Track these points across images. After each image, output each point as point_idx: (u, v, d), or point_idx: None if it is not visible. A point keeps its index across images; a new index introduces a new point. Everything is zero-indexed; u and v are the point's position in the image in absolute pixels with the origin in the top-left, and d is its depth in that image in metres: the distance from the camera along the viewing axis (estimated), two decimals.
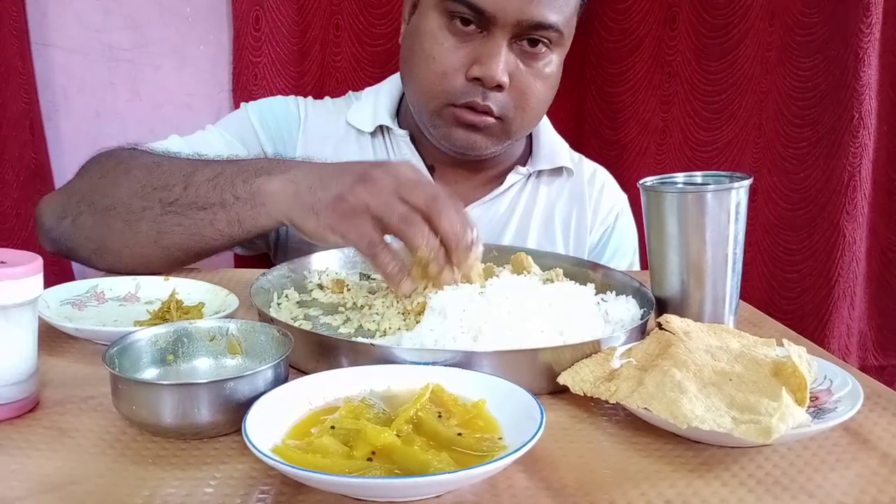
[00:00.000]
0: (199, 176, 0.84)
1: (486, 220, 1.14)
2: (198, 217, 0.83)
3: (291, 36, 1.46)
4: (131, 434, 0.54)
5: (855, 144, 1.41)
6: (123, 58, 1.47)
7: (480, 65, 0.99)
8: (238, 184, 0.82)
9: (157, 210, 0.84)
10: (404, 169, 0.76)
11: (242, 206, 0.82)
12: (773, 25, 1.46)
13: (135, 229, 0.85)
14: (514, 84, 1.02)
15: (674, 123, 1.55)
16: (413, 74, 1.06)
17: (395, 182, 0.74)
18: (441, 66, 1.01)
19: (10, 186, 1.36)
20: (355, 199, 0.73)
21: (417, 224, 0.71)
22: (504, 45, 0.99)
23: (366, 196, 0.73)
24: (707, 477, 0.52)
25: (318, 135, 1.16)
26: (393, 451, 0.48)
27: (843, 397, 0.60)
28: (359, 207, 0.73)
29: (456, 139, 1.05)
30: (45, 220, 0.91)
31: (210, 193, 0.83)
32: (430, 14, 1.02)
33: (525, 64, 1.02)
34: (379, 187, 0.73)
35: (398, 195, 0.73)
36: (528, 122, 1.08)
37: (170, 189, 0.84)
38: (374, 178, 0.74)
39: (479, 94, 1.01)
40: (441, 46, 1.01)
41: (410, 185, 0.73)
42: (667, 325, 0.69)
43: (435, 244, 0.71)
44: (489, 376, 0.58)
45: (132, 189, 0.86)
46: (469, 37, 1.00)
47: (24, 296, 0.55)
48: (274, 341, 0.61)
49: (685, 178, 0.80)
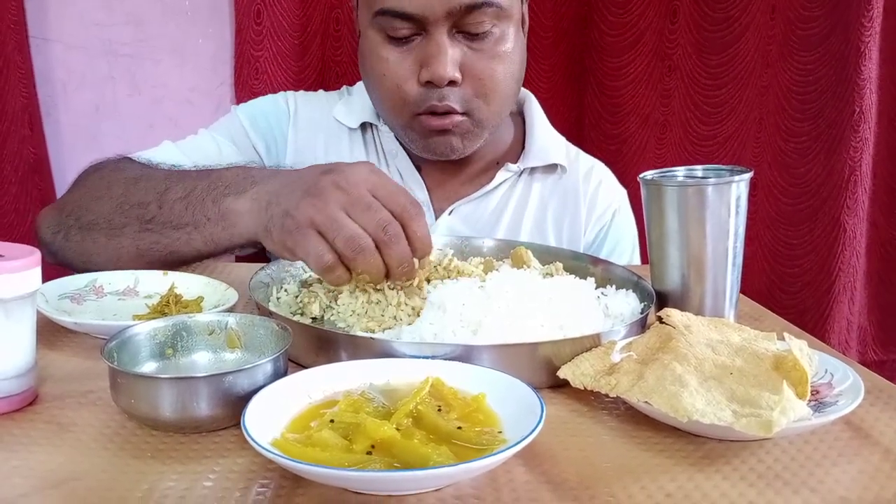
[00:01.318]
0: (172, 194, 0.84)
1: (475, 217, 1.13)
2: (174, 236, 0.83)
3: (292, 30, 1.45)
4: (131, 428, 0.54)
5: (856, 139, 1.41)
6: (123, 52, 1.47)
7: (427, 67, 0.98)
8: (208, 204, 0.81)
9: (136, 227, 0.84)
10: (357, 177, 0.71)
11: (214, 227, 0.81)
12: (774, 19, 1.46)
13: (117, 245, 0.86)
14: (468, 74, 1.00)
15: (674, 117, 1.55)
16: (374, 95, 1.07)
17: (345, 197, 0.69)
18: (393, 80, 1.01)
19: (9, 181, 1.36)
20: (301, 215, 0.70)
21: (362, 251, 0.68)
22: (445, 41, 0.97)
23: (311, 211, 0.69)
24: (708, 471, 0.52)
25: (309, 128, 1.16)
26: (393, 444, 0.48)
27: (844, 391, 0.59)
28: (304, 223, 0.69)
29: (433, 148, 1.05)
30: (42, 234, 0.93)
31: (183, 213, 0.82)
32: (369, 34, 1.02)
33: (474, 49, 1.00)
34: (327, 202, 0.69)
35: (347, 212, 0.69)
36: (498, 107, 1.05)
37: (146, 207, 0.84)
38: (321, 192, 0.70)
39: (436, 96, 0.99)
40: (387, 62, 1.00)
41: (359, 208, 0.69)
42: (667, 319, 0.69)
43: (378, 270, 0.69)
44: (489, 370, 0.58)
45: (112, 205, 0.87)
46: (409, 44, 0.99)
47: (22, 289, 0.55)
48: (273, 335, 0.61)
49: (686, 172, 0.80)
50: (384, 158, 1.15)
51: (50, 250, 0.92)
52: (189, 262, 0.87)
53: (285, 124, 1.16)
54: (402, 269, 0.70)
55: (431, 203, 1.13)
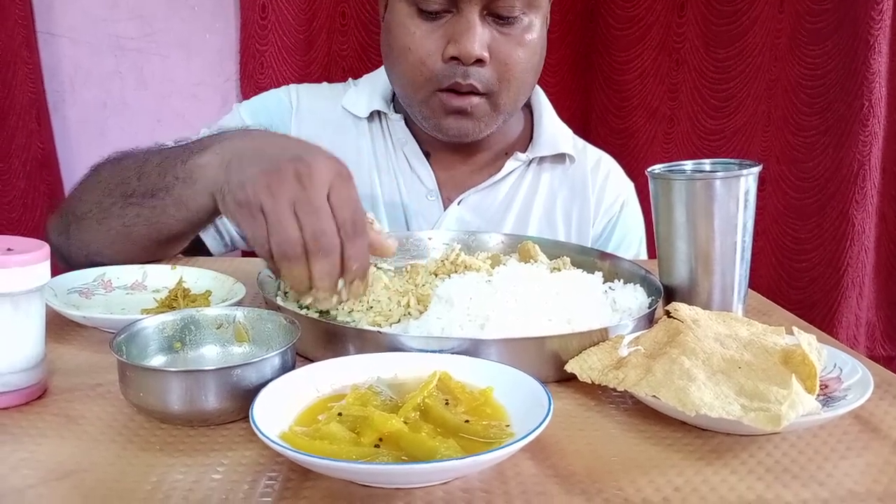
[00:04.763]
0: (149, 165, 0.84)
1: (484, 207, 1.13)
2: (151, 205, 0.82)
3: (298, 24, 1.45)
4: (139, 421, 0.54)
5: (864, 133, 1.40)
6: (130, 47, 1.47)
7: (455, 43, 0.98)
8: (178, 165, 0.80)
9: (120, 204, 0.84)
10: (319, 172, 0.68)
11: (182, 186, 0.79)
12: (783, 13, 1.45)
13: (106, 227, 0.86)
14: (494, 57, 1.00)
15: (682, 112, 1.55)
16: (394, 68, 1.06)
17: (298, 193, 0.66)
18: (418, 54, 1.01)
19: (17, 176, 1.36)
20: (253, 193, 0.68)
21: (292, 259, 0.66)
22: (476, 20, 0.98)
23: (264, 195, 0.67)
24: (716, 465, 0.51)
25: (313, 119, 1.16)
26: (400, 437, 0.48)
27: (853, 385, 0.59)
28: (254, 204, 0.67)
29: (447, 128, 1.05)
30: (51, 240, 0.92)
31: (157, 180, 0.82)
32: (398, 6, 1.02)
33: (502, 34, 1.00)
34: (281, 191, 0.66)
35: (295, 208, 0.66)
36: (516, 94, 1.06)
37: (128, 182, 0.84)
38: (280, 177, 0.67)
39: (460, 74, 1.00)
40: (414, 35, 1.00)
41: (306, 208, 0.66)
42: (675, 313, 0.69)
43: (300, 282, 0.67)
44: (496, 364, 0.57)
45: (101, 189, 0.87)
46: (440, 19, 1.00)
47: (31, 283, 0.55)
48: (281, 329, 0.61)
49: (693, 166, 0.80)
50: (392, 146, 1.15)
51: (60, 253, 0.92)
52: (169, 237, 0.86)
53: (287, 118, 1.16)
54: (321, 284, 0.67)
55: (440, 192, 1.13)
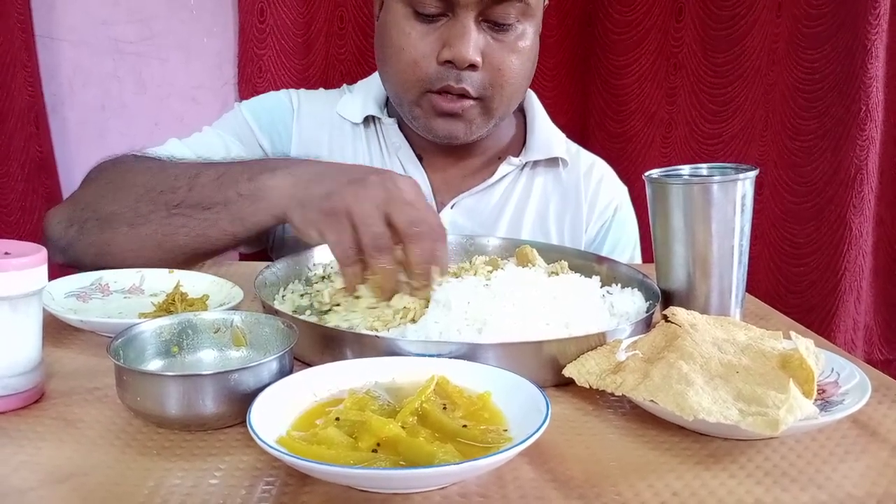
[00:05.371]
0: (204, 177, 0.85)
1: (477, 210, 1.14)
2: (202, 217, 0.84)
3: (296, 28, 1.45)
4: (136, 425, 0.54)
5: (862, 137, 1.40)
6: (129, 50, 1.47)
7: (450, 47, 0.99)
8: (242, 181, 0.83)
9: (163, 213, 0.85)
10: (403, 183, 0.75)
11: (244, 203, 0.82)
12: (780, 17, 1.45)
13: (140, 233, 0.85)
14: (487, 62, 1.01)
15: (679, 116, 1.55)
16: (387, 68, 1.07)
17: (386, 195, 0.72)
18: (412, 55, 1.01)
19: (15, 179, 1.36)
20: (341, 200, 0.73)
21: (384, 251, 0.71)
22: (471, 25, 0.98)
23: (351, 200, 0.72)
24: (714, 469, 0.51)
25: (313, 123, 1.16)
26: (398, 442, 0.48)
27: (851, 390, 0.59)
28: (341, 210, 0.72)
29: (437, 130, 1.06)
30: (52, 232, 0.91)
31: (214, 193, 0.83)
32: (395, 6, 1.02)
33: (496, 40, 1.01)
34: (368, 195, 0.72)
35: (383, 210, 0.72)
36: (508, 100, 1.06)
37: (175, 191, 0.85)
38: (366, 185, 0.73)
39: (453, 77, 1.00)
40: (409, 36, 1.01)
41: (399, 203, 0.72)
42: (673, 318, 0.69)
43: (391, 276, 0.72)
44: (494, 368, 0.57)
45: (138, 193, 0.87)
46: (435, 22, 1.00)
47: (28, 286, 0.55)
48: (279, 333, 0.61)
49: (691, 171, 0.80)
50: (387, 151, 1.15)
51: (59, 246, 0.90)
52: (210, 250, 0.87)
53: (289, 119, 1.16)
54: (421, 267, 0.71)
55: (434, 196, 1.13)
